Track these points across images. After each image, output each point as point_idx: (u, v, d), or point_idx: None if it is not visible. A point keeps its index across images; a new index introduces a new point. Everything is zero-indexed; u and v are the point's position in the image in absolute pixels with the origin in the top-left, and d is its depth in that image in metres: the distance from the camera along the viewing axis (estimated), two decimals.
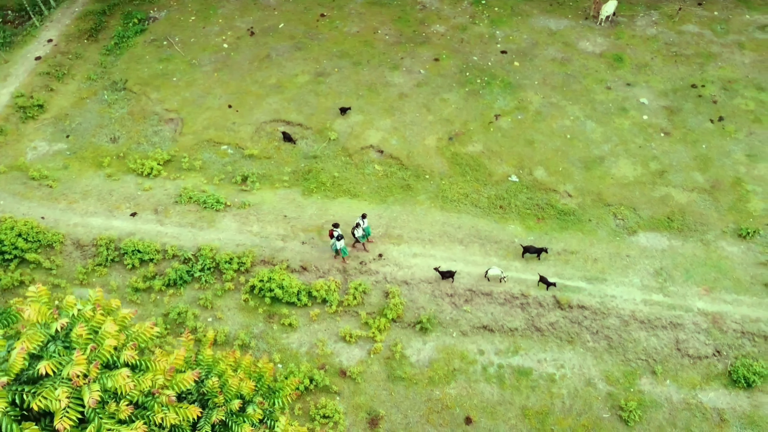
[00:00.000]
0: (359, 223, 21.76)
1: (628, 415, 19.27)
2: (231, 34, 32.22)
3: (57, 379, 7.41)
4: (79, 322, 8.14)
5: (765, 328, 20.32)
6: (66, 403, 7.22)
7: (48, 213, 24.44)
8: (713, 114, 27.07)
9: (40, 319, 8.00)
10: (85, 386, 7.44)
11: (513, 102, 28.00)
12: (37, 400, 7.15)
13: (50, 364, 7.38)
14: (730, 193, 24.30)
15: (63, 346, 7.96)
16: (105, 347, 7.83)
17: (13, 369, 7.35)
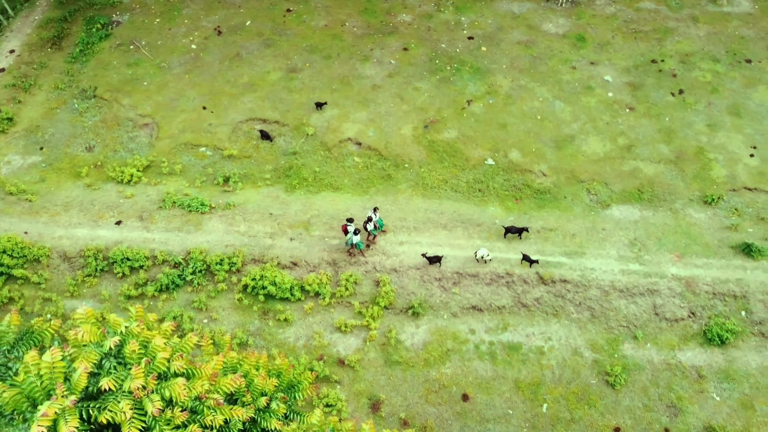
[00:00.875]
0: (371, 217, 22.27)
1: (614, 380, 20.44)
2: (198, 35, 32.09)
3: (118, 393, 7.87)
4: (130, 338, 8.57)
5: (734, 288, 21.70)
6: (131, 414, 7.70)
7: (30, 227, 24.31)
8: (673, 87, 28.32)
9: (92, 339, 8.40)
10: (146, 397, 7.92)
11: (483, 87, 28.77)
12: (104, 414, 7.62)
13: (111, 380, 7.83)
14: (693, 162, 25.59)
15: (117, 362, 8.39)
16: (158, 360, 8.30)
17: (78, 387, 7.77)
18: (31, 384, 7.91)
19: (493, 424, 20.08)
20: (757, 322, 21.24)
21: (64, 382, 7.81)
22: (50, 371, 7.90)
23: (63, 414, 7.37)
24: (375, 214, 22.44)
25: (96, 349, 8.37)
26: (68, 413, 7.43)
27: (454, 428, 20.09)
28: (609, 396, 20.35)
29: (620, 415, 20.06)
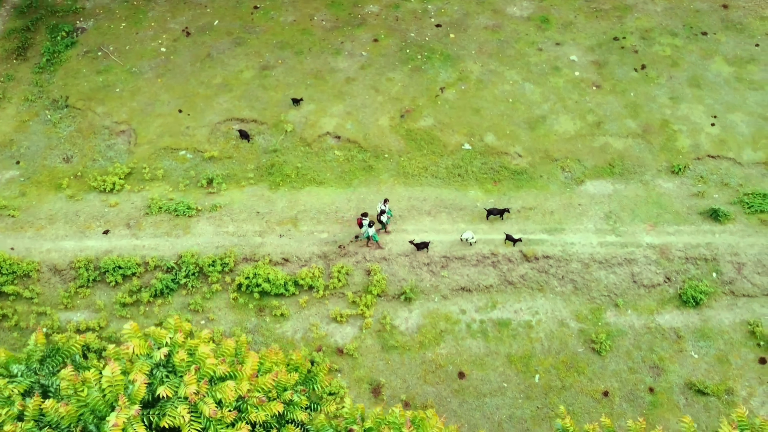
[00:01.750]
0: (383, 209, 22.82)
1: (599, 347, 21.63)
2: (166, 37, 31.95)
3: (174, 399, 8.40)
4: (176, 348, 9.08)
5: (705, 252, 23.05)
6: (189, 417, 8.26)
7: (17, 243, 24.27)
8: (636, 63, 29.46)
9: (141, 352, 8.90)
10: (200, 401, 8.48)
11: (455, 73, 29.46)
12: (165, 419, 8.17)
13: (167, 388, 8.36)
14: (659, 134, 26.80)
15: (167, 371, 8.90)
16: (207, 366, 8.84)
17: (137, 397, 8.28)
18: (95, 398, 8.39)
19: (490, 398, 21.10)
20: (728, 282, 22.64)
21: (124, 394, 8.31)
22: (111, 385, 8.38)
23: (130, 423, 7.91)
24: (386, 205, 23.04)
25: (147, 361, 8.87)
26: (134, 421, 7.96)
27: (453, 405, 21.06)
28: (596, 362, 21.54)
29: (607, 379, 21.28)
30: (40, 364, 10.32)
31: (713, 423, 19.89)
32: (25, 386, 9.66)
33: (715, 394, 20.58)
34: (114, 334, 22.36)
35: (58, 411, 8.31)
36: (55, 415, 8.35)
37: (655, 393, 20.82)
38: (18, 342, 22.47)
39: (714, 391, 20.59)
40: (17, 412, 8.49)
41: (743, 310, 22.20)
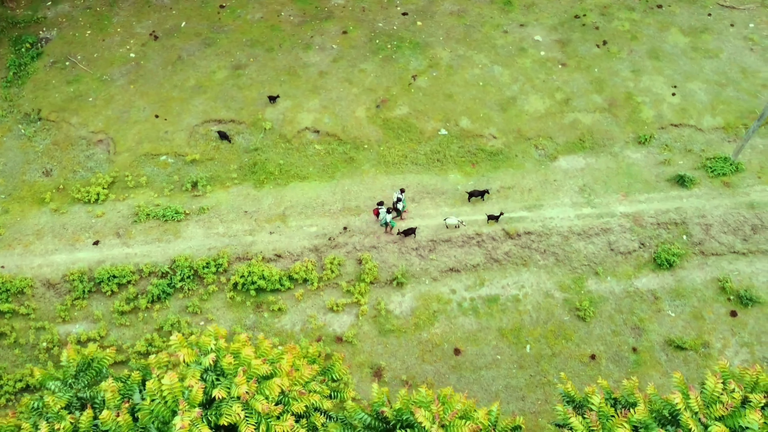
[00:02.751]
0: (399, 198, 23.63)
1: (584, 313, 22.91)
2: (134, 42, 31.83)
3: (228, 399, 9.08)
4: (223, 353, 9.72)
5: (674, 217, 24.45)
6: (243, 414, 8.95)
7: (6, 261, 24.30)
8: (598, 39, 30.60)
9: (190, 359, 9.51)
10: (252, 399, 9.18)
11: (425, 61, 30.17)
12: (223, 418, 8.86)
13: (222, 390, 9.01)
14: (624, 107, 28.05)
15: (216, 375, 9.54)
16: (254, 367, 9.51)
17: (195, 401, 8.91)
18: (159, 405, 9.00)
19: (486, 371, 22.24)
20: (697, 243, 24.11)
21: (183, 399, 8.95)
22: (171, 391, 9.00)
23: (194, 424, 8.58)
24: (401, 194, 23.82)
25: (197, 367, 9.50)
26: (197, 422, 8.63)
27: (452, 380, 22.12)
28: (582, 328, 22.84)
29: (593, 343, 22.61)
30: (75, 379, 10.84)
31: (693, 375, 21.38)
32: (66, 400, 10.20)
33: (693, 348, 22.07)
34: (116, 343, 22.74)
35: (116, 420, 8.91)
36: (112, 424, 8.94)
37: (638, 352, 22.23)
38: (19, 359, 22.69)
39: (692, 345, 22.08)
40: (71, 426, 9.05)
41: (713, 268, 23.72)
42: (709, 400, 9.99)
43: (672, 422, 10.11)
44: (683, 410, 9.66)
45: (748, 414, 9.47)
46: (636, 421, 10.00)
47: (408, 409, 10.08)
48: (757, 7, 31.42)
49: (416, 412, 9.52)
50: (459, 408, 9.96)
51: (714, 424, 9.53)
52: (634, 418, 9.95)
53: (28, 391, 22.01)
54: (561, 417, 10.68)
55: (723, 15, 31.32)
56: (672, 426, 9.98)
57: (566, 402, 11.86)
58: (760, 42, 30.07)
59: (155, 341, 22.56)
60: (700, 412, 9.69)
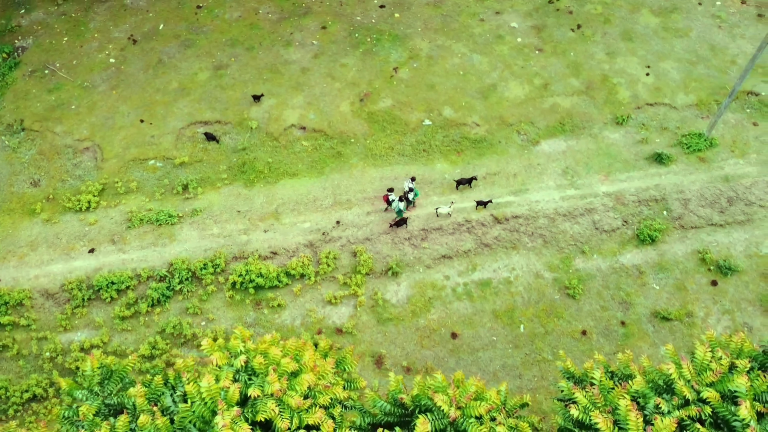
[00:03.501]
0: (411, 187, 24.12)
1: (573, 291, 23.82)
2: (113, 47, 31.75)
3: (262, 397, 9.61)
4: (252, 354, 10.24)
5: (654, 193, 25.42)
6: (278, 410, 9.51)
7: (2, 274, 24.40)
8: (572, 24, 31.32)
9: (222, 362, 10.02)
10: (285, 395, 9.73)
11: (405, 53, 30.63)
12: (260, 415, 9.41)
13: (256, 388, 9.55)
14: (601, 89, 28.88)
15: (247, 374, 10.06)
16: (283, 366, 10.03)
17: (233, 400, 9.42)
18: (199, 406, 9.51)
19: (483, 352, 23.06)
20: (677, 217, 25.13)
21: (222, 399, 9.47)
22: (209, 393, 9.51)
23: (234, 422, 9.11)
24: (412, 183, 24.36)
25: (230, 369, 10.02)
26: (237, 420, 9.18)
27: (451, 363, 22.91)
28: (572, 306, 23.75)
29: (584, 319, 23.54)
30: (100, 387, 11.28)
31: (679, 344, 22.45)
32: (95, 408, 10.67)
33: (678, 318, 23.12)
34: (119, 348, 23.07)
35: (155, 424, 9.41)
36: (151, 428, 9.43)
37: (627, 325, 23.23)
38: (23, 369, 22.92)
39: (677, 316, 23.13)
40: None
41: (693, 241, 24.77)
42: (700, 368, 10.82)
43: (667, 390, 10.94)
44: (677, 379, 10.48)
45: (735, 379, 10.31)
46: (634, 392, 10.80)
47: (425, 395, 10.74)
48: None
49: (435, 397, 10.19)
50: (473, 391, 10.65)
51: (706, 390, 10.37)
52: (632, 389, 10.76)
53: (35, 401, 22.29)
54: (565, 393, 11.44)
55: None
56: (667, 394, 10.80)
57: (566, 378, 12.63)
58: (727, 19, 31.07)
59: (158, 344, 22.93)
60: (693, 380, 10.53)
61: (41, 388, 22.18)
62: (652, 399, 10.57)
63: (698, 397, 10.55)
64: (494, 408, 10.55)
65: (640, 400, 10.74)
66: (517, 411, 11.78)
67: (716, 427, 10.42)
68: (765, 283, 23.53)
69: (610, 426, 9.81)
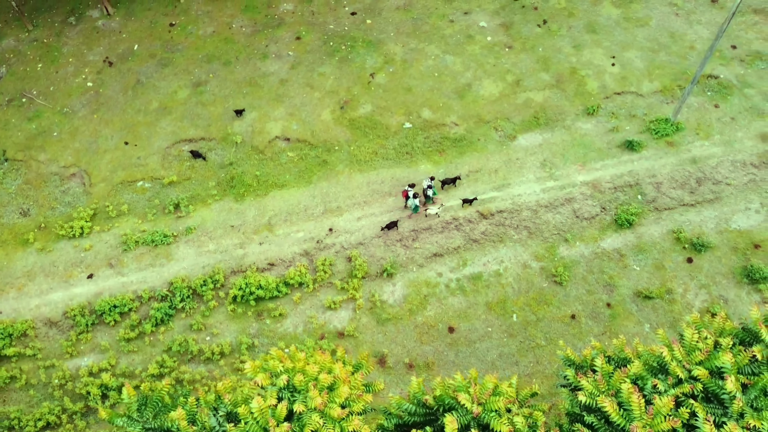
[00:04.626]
0: (430, 185, 25.33)
1: (560, 278, 25.07)
2: (89, 71, 31.85)
3: (306, 411, 10.42)
4: (293, 373, 11.02)
5: (628, 179, 26.79)
6: (322, 422, 10.34)
7: (2, 306, 24.66)
8: (538, 19, 32.48)
9: (266, 383, 10.78)
10: (327, 408, 10.56)
11: (380, 58, 31.42)
12: (307, 428, 10.23)
13: (300, 404, 10.35)
14: (571, 82, 30.12)
15: (289, 392, 10.83)
16: (322, 381, 10.85)
17: (281, 417, 10.21)
18: (252, 425, 10.28)
19: (480, 343, 24.19)
20: (651, 200, 26.55)
21: (271, 417, 10.25)
22: (260, 412, 10.29)
23: None
24: (431, 182, 25.61)
25: (273, 388, 10.80)
26: None
27: (450, 357, 24.00)
28: (560, 292, 25.02)
29: (572, 304, 24.83)
30: (139, 413, 11.96)
31: (662, 320, 23.90)
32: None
33: (658, 296, 24.55)
34: (127, 369, 23.58)
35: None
36: None
37: (612, 306, 24.59)
38: (34, 398, 23.27)
39: (657, 294, 24.55)
40: None
41: (667, 222, 26.22)
42: (689, 349, 12.00)
43: (661, 371, 12.10)
44: (670, 361, 11.64)
45: (721, 356, 11.50)
46: (633, 375, 11.94)
47: (448, 394, 11.70)
48: None
49: (459, 397, 11.16)
50: (491, 387, 11.66)
51: (696, 368, 11.55)
52: (631, 372, 11.89)
53: (49, 429, 22.70)
54: (570, 380, 12.53)
55: None
56: (662, 375, 11.96)
57: (568, 365, 13.74)
58: (683, 6, 32.59)
59: (166, 362, 23.51)
60: (684, 360, 11.70)
61: (54, 416, 22.61)
62: (650, 380, 11.73)
63: (689, 375, 11.75)
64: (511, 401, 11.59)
65: (638, 382, 11.89)
66: (529, 401, 12.85)
67: (707, 401, 11.63)
68: (736, 257, 25.12)
69: (616, 408, 10.93)
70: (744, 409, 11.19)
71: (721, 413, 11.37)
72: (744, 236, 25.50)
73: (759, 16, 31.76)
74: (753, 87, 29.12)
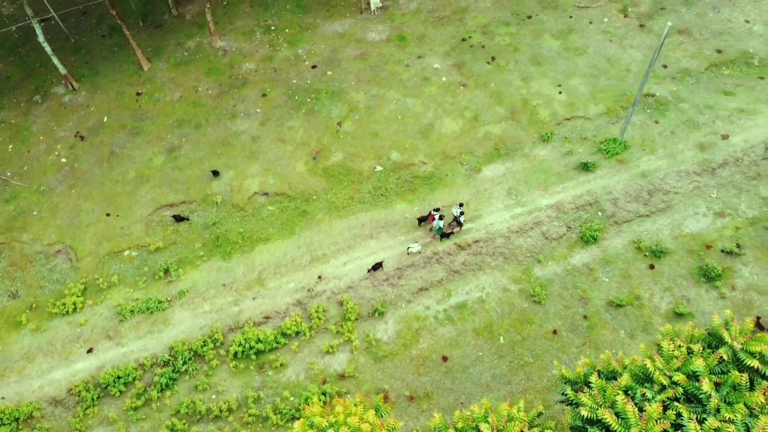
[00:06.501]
0: (462, 212, 27.25)
1: (538, 298, 26.92)
2: (61, 147, 32.51)
3: None
4: (338, 426, 12.18)
5: (588, 198, 29.06)
6: None
7: (4, 391, 24.90)
8: (487, 57, 34.91)
9: None
10: None
11: (345, 107, 33.17)
12: None
13: None
14: (524, 112, 32.47)
15: None
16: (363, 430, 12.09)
17: None
18: None
19: (473, 368, 25.72)
20: (610, 215, 28.84)
21: None
22: None
23: None
24: (461, 208, 27.40)
25: None
26: None
27: (447, 384, 25.42)
28: (540, 311, 26.85)
29: (552, 320, 26.67)
30: None
31: (634, 325, 25.93)
32: None
33: (629, 303, 26.63)
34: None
35: None
36: None
37: (589, 318, 26.55)
38: None
39: (627, 301, 26.64)
40: None
41: (627, 233, 28.51)
42: (667, 358, 13.82)
43: (647, 380, 13.86)
44: (653, 370, 13.42)
45: (694, 361, 13.35)
46: (623, 386, 13.65)
47: (469, 426, 13.11)
48: (606, 2, 37.01)
49: (480, 426, 12.59)
50: (505, 414, 13.16)
51: (675, 374, 13.35)
52: (622, 384, 13.60)
53: None
54: (571, 397, 14.16)
55: (581, 15, 36.65)
56: (648, 383, 13.72)
57: (564, 383, 15.40)
58: (616, 33, 35.61)
59: (176, 426, 24.16)
60: (664, 369, 13.49)
61: None
62: (639, 390, 13.47)
63: (671, 381, 13.56)
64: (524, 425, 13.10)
65: (629, 393, 13.62)
66: (538, 420, 14.40)
67: (688, 402, 13.45)
68: (692, 259, 27.54)
69: (615, 419, 12.60)
70: (719, 404, 13.02)
71: (701, 411, 13.17)
72: (696, 239, 27.98)
73: (683, 36, 35.01)
74: (686, 101, 32.07)
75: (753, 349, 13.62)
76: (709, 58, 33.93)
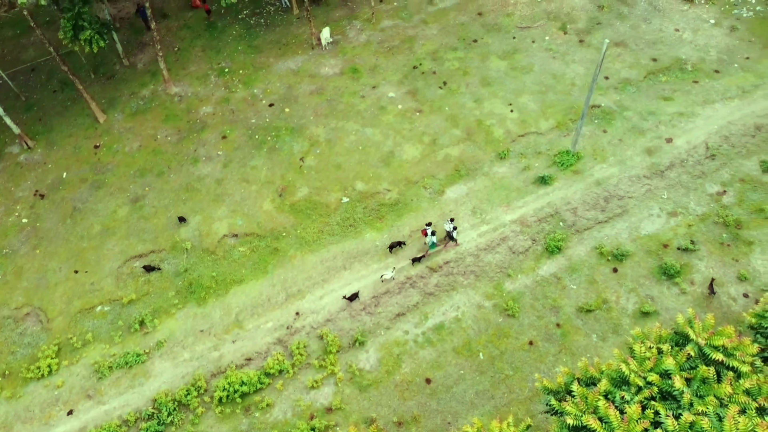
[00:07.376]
0: (455, 227, 27.96)
1: (511, 311, 27.74)
2: (21, 207, 32.03)
3: None
4: None
5: (548, 210, 30.24)
6: None
7: None
8: (438, 82, 36.12)
9: None
10: None
11: (305, 142, 33.75)
12: None
13: None
14: (479, 133, 33.67)
15: None
16: None
17: None
18: None
19: (456, 387, 26.25)
20: (571, 225, 30.06)
21: None
22: None
23: None
24: (453, 223, 28.15)
25: None
26: None
27: (433, 405, 25.86)
28: (514, 324, 27.66)
29: (527, 332, 27.49)
30: None
31: (605, 328, 26.99)
32: None
33: (597, 307, 27.70)
34: None
35: None
36: None
37: (562, 326, 27.47)
38: None
39: (596, 305, 27.71)
40: None
41: (589, 240, 29.75)
42: (640, 360, 14.69)
43: (623, 383, 14.68)
44: (629, 373, 14.25)
45: (665, 360, 14.24)
46: (603, 391, 14.42)
47: None
48: (546, 22, 38.86)
49: None
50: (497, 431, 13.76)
51: (649, 375, 14.20)
52: (602, 390, 14.37)
53: None
54: (556, 407, 14.85)
55: (524, 35, 38.35)
56: (625, 386, 14.54)
57: (547, 393, 16.10)
58: (558, 50, 37.38)
59: None
60: (638, 370, 14.34)
61: None
62: (617, 393, 14.27)
63: (646, 381, 14.40)
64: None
65: (609, 397, 14.41)
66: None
67: (663, 399, 14.30)
68: (651, 259, 28.89)
69: (599, 424, 13.33)
70: (692, 399, 13.91)
71: (676, 407, 14.03)
72: (653, 239, 29.40)
73: (620, 48, 37.01)
74: (630, 109, 33.84)
75: (716, 343, 14.63)
76: (646, 66, 35.94)
